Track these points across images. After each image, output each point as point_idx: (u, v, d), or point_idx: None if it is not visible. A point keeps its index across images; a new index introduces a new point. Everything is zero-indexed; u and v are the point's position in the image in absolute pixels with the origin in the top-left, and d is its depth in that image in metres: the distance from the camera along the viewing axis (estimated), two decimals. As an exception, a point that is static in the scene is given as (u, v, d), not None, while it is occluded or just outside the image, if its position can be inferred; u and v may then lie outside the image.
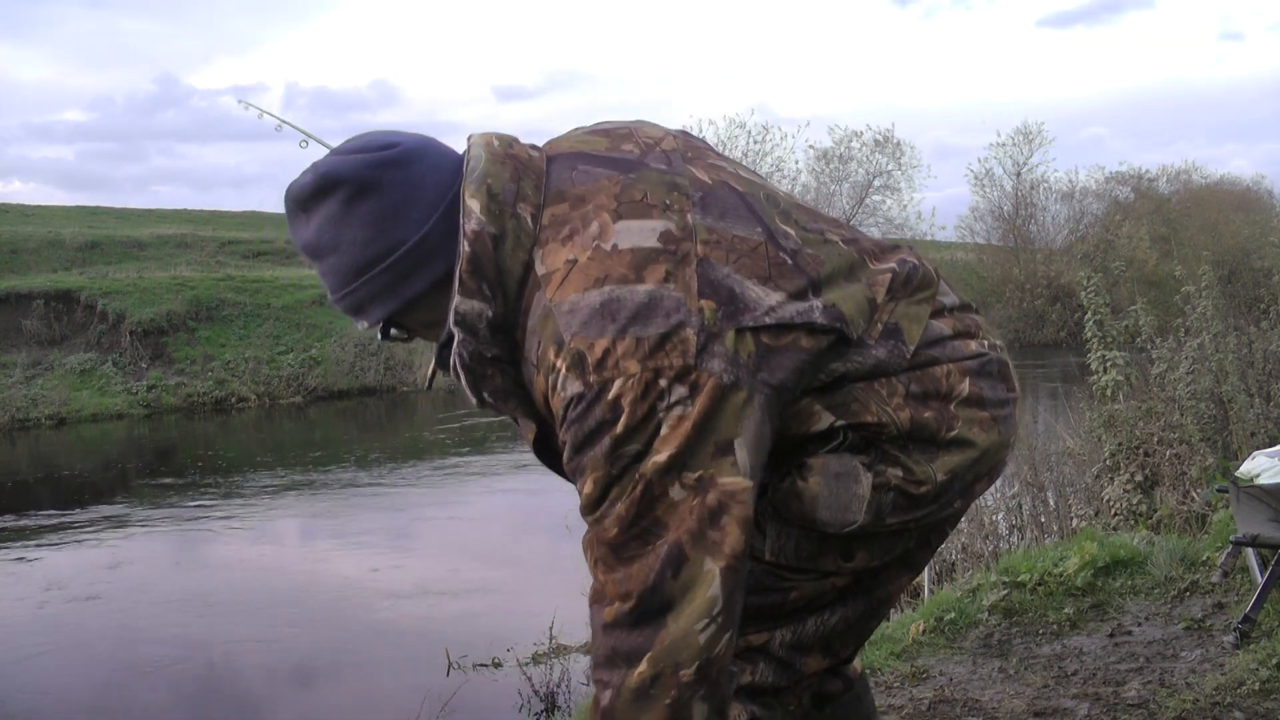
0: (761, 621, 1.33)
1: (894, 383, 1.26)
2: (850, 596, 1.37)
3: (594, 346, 1.12)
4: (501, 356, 1.24)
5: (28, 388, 17.23)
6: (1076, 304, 11.27)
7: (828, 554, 1.32)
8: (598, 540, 1.16)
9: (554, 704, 4.66)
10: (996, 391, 1.34)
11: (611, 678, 1.15)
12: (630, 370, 1.11)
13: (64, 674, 5.65)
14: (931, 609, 3.54)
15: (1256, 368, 5.80)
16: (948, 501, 1.32)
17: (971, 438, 1.30)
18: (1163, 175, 31.26)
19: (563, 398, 1.15)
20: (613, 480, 1.13)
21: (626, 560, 1.14)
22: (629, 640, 1.14)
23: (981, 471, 1.33)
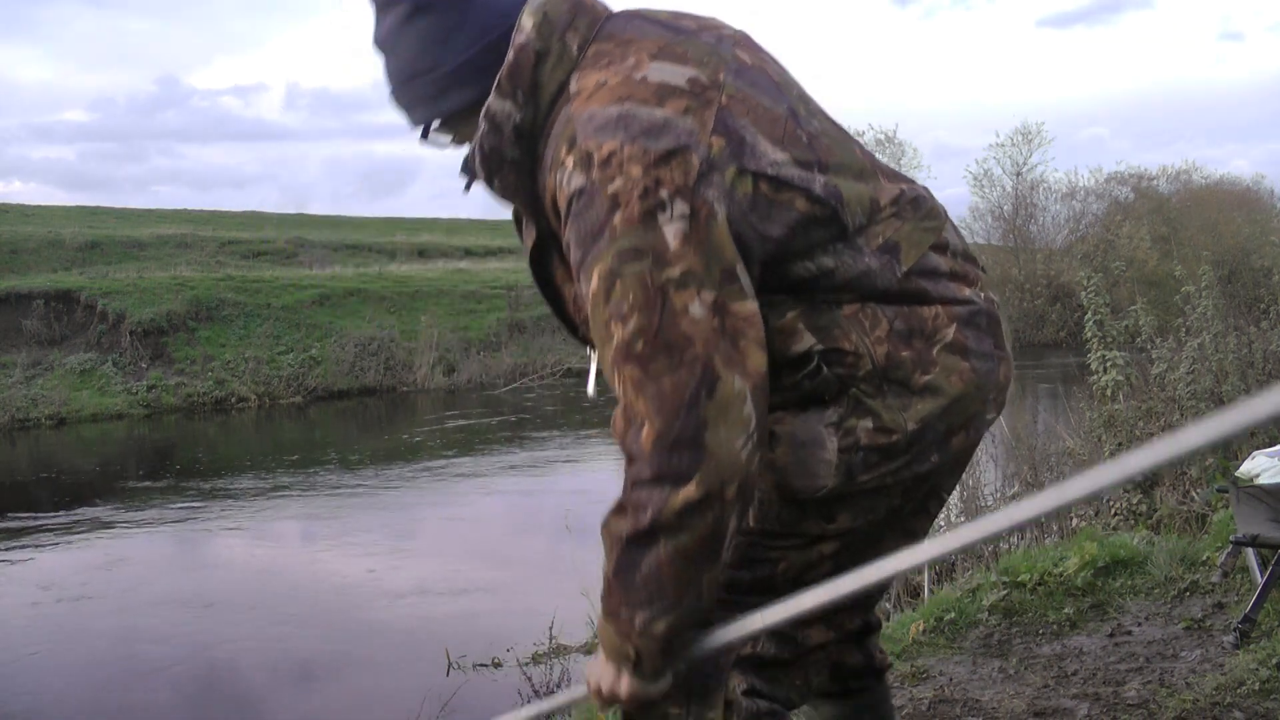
0: (758, 596, 1.33)
1: (879, 314, 1.28)
2: (849, 568, 1.37)
3: (602, 148, 1.18)
4: (520, 162, 1.29)
5: (28, 388, 17.23)
6: (1076, 304, 11.25)
7: (810, 518, 1.34)
8: (624, 358, 1.17)
9: (554, 704, 4.66)
10: (982, 344, 1.34)
11: (651, 497, 1.16)
12: (633, 174, 1.16)
13: (64, 674, 5.65)
14: (931, 609, 3.54)
15: (1256, 368, 5.80)
16: (922, 454, 1.31)
17: (946, 386, 1.30)
18: (1163, 175, 31.26)
19: (567, 192, 1.20)
20: (615, 275, 1.16)
21: (656, 377, 1.15)
22: (673, 462, 1.15)
23: (955, 423, 1.32)
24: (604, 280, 1.17)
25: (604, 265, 1.17)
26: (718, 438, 1.14)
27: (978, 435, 1.38)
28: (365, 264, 27.22)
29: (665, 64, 1.23)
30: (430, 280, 24.39)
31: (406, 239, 32.76)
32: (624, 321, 1.17)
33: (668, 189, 1.16)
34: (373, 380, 19.98)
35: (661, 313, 1.15)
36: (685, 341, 1.15)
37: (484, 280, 24.96)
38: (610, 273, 1.17)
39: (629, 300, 1.16)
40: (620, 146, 1.17)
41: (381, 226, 38.56)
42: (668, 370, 1.15)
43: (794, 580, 1.35)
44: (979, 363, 1.33)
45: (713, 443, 1.14)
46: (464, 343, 21.54)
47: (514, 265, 28.18)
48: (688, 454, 1.14)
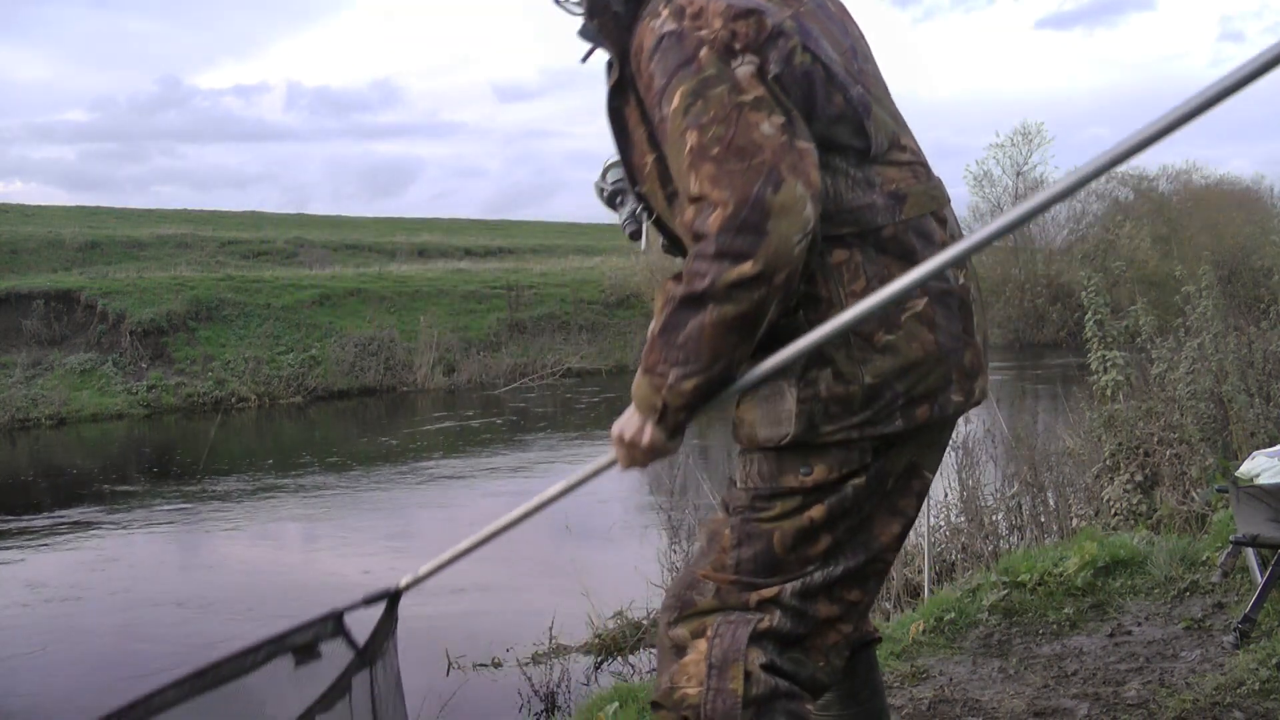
0: (766, 575, 1.45)
1: (861, 270, 1.41)
2: (847, 546, 1.48)
3: (694, 3, 1.39)
4: (619, 16, 1.50)
5: (28, 388, 17.22)
6: (1076, 304, 11.24)
7: (787, 471, 1.45)
8: (701, 158, 1.33)
9: (554, 704, 4.66)
10: (951, 324, 1.46)
11: (710, 268, 1.31)
12: (714, 25, 1.37)
13: (62, 673, 5.65)
14: (931, 609, 3.54)
15: (1256, 368, 5.80)
16: (882, 412, 1.42)
17: (905, 349, 1.42)
18: (1163, 175, 31.24)
19: (658, 33, 1.40)
20: (696, 94, 1.35)
21: (729, 173, 1.30)
22: (735, 242, 1.29)
23: (916, 390, 1.42)
24: (685, 99, 1.35)
25: (687, 87, 1.35)
26: (779, 229, 1.29)
27: (944, 413, 1.47)
28: (365, 264, 27.23)
29: None
30: (430, 280, 24.39)
31: (406, 239, 32.76)
32: (702, 130, 1.33)
33: (741, 41, 1.36)
34: (373, 380, 19.97)
35: (737, 125, 1.32)
36: (756, 149, 1.31)
37: (484, 280, 24.95)
38: (692, 92, 1.35)
39: (708, 114, 1.33)
40: (708, 3, 1.38)
41: (381, 226, 38.58)
42: (740, 169, 1.30)
43: (792, 550, 1.45)
44: (945, 339, 1.44)
45: (774, 232, 1.29)
46: (464, 343, 21.53)
47: (514, 265, 28.20)
48: (750, 237, 1.29)
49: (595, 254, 29.31)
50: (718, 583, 1.47)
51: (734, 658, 1.41)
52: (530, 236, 38.78)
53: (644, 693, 3.06)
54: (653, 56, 1.40)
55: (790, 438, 1.42)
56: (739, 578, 1.45)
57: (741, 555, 1.46)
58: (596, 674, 5.05)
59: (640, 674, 4.83)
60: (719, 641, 1.43)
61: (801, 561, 1.45)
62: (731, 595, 1.45)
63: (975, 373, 1.51)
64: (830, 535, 1.46)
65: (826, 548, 1.46)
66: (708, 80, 1.35)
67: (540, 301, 24.05)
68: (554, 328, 23.27)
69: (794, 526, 1.45)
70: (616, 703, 3.00)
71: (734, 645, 1.42)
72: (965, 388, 1.49)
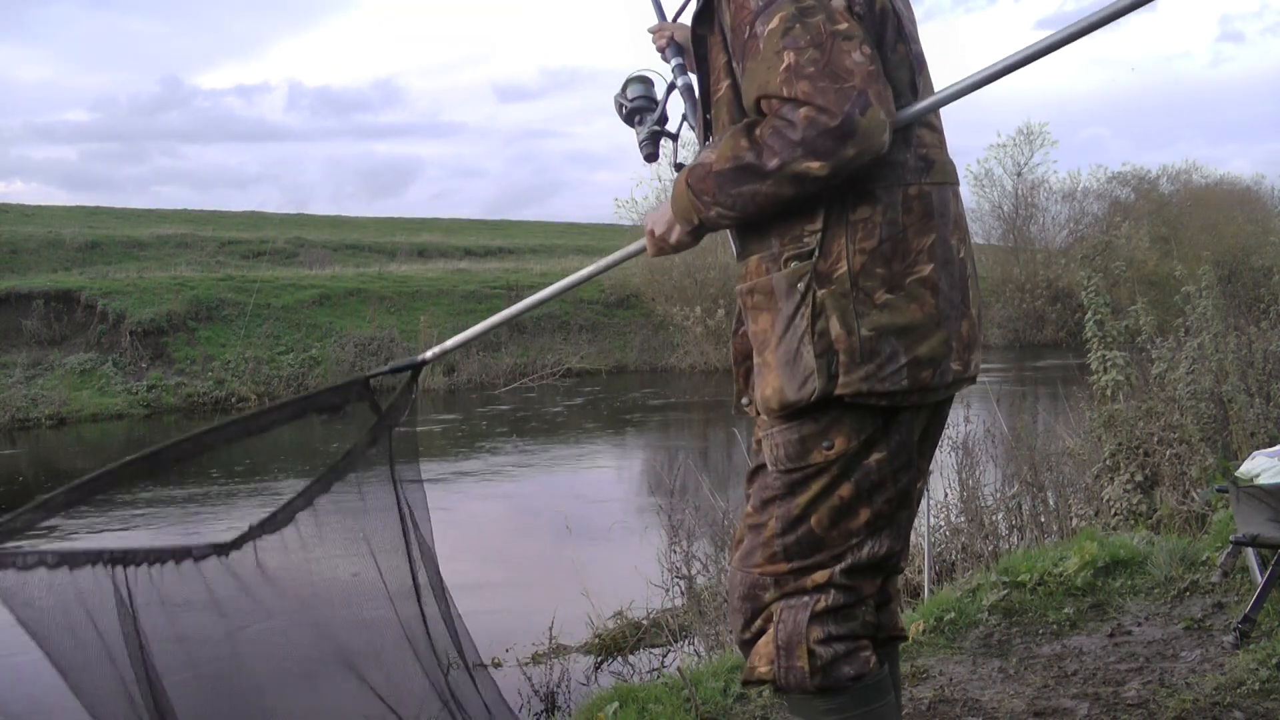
0: (814, 558, 1.59)
1: (877, 231, 1.52)
2: (888, 522, 1.61)
3: None
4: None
5: (28, 388, 17.21)
6: (1076, 304, 11.23)
7: (811, 448, 1.56)
8: (796, 77, 1.43)
9: (554, 704, 4.66)
10: (952, 293, 1.57)
11: (785, 152, 1.43)
12: None
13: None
14: (931, 609, 3.54)
15: (1256, 368, 5.80)
16: (887, 368, 1.51)
17: (904, 309, 1.52)
18: (1164, 175, 31.23)
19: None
20: (795, 18, 1.44)
21: (824, 91, 1.41)
22: (819, 143, 1.41)
23: (918, 352, 1.53)
24: (785, 22, 1.44)
25: (786, 12, 1.45)
26: (857, 147, 1.41)
27: (945, 380, 1.56)
28: (365, 264, 27.21)
29: None
30: (430, 280, 24.37)
31: (406, 239, 32.75)
32: (800, 52, 1.43)
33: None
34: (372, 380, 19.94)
35: (831, 51, 1.42)
36: (848, 74, 1.42)
37: (484, 280, 24.93)
38: (791, 16, 1.44)
39: (806, 38, 1.43)
40: None
41: (381, 227, 38.55)
42: (834, 87, 1.41)
43: (831, 527, 1.58)
44: (944, 305, 1.55)
45: (851, 148, 1.41)
46: (464, 343, 21.49)
47: (514, 265, 28.18)
48: (831, 144, 1.41)
49: (595, 254, 29.25)
50: (774, 575, 1.61)
51: (797, 639, 1.58)
52: (530, 236, 38.77)
53: (644, 693, 3.06)
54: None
55: (817, 392, 1.52)
56: (790, 565, 1.60)
57: (787, 542, 1.59)
58: (596, 674, 5.05)
59: (640, 674, 4.83)
60: (783, 626, 1.59)
61: (844, 536, 1.58)
62: (788, 583, 1.60)
63: (972, 345, 1.61)
64: (868, 509, 1.57)
65: (867, 521, 1.58)
66: (806, 8, 1.44)
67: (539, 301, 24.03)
68: (554, 328, 23.26)
69: (829, 506, 1.57)
70: (616, 703, 3.00)
71: (795, 629, 1.58)
72: (963, 358, 1.59)
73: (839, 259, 1.51)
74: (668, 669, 4.35)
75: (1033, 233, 29.27)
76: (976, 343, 1.63)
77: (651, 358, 23.00)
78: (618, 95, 1.95)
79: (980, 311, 1.66)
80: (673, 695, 3.01)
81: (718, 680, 3.07)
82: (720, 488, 6.67)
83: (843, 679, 1.58)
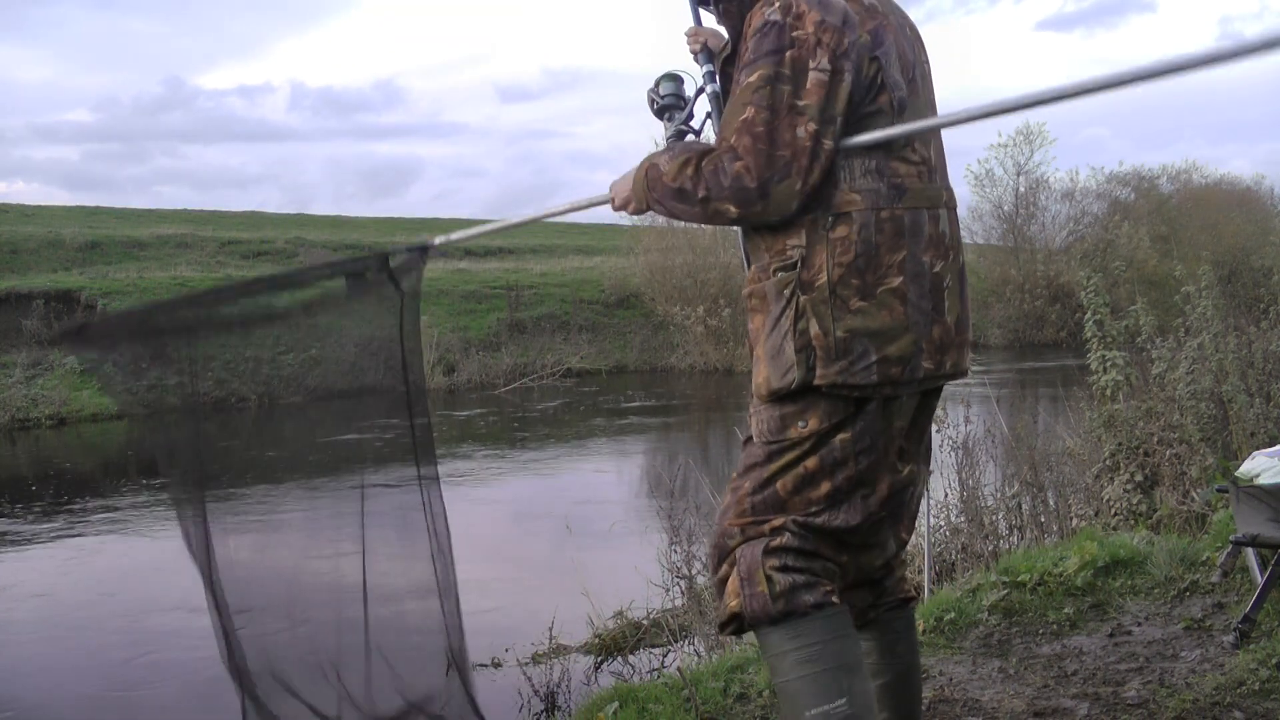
0: (772, 511, 1.82)
1: (853, 247, 1.75)
2: (846, 498, 1.82)
3: (799, 4, 1.74)
4: (745, 2, 1.88)
5: (28, 388, 17.21)
6: (1076, 304, 11.23)
7: (789, 424, 1.81)
8: (748, 128, 1.72)
9: (554, 704, 4.66)
10: (922, 302, 1.79)
11: (713, 191, 1.74)
12: (808, 28, 1.73)
13: (70, 674, 5.65)
14: (931, 609, 3.54)
15: (1256, 368, 5.80)
16: (859, 363, 1.74)
17: (874, 314, 1.75)
18: (1164, 174, 31.21)
19: (763, 18, 1.76)
20: (768, 81, 1.72)
21: (759, 150, 1.71)
22: (738, 195, 1.72)
23: (889, 351, 1.75)
24: (760, 79, 1.73)
25: (764, 73, 1.73)
26: (766, 208, 1.72)
27: (915, 376, 1.79)
28: (365, 264, 27.15)
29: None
30: (430, 280, 24.26)
31: (407, 239, 32.67)
32: (758, 109, 1.72)
33: (824, 47, 1.72)
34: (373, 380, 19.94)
35: (780, 120, 1.71)
36: (784, 144, 1.70)
37: (484, 280, 24.93)
38: (765, 79, 1.73)
39: (766, 101, 1.71)
40: (808, 10, 1.73)
41: (381, 226, 38.54)
42: (766, 152, 1.70)
43: (794, 493, 1.81)
44: (913, 312, 1.77)
45: (762, 209, 1.73)
46: (464, 343, 21.51)
47: (514, 265, 28.17)
48: (746, 198, 1.72)
49: (595, 254, 29.28)
50: (741, 525, 1.84)
51: (755, 568, 1.79)
52: (530, 236, 38.77)
53: (644, 692, 3.06)
54: (755, 34, 1.76)
55: (797, 381, 1.76)
56: (755, 517, 1.82)
57: (755, 500, 1.83)
58: (596, 674, 5.05)
59: (640, 674, 4.83)
60: (742, 561, 1.81)
61: (805, 503, 1.81)
62: (750, 529, 1.83)
63: (945, 347, 1.83)
64: (829, 482, 1.80)
65: (827, 493, 1.80)
66: (781, 76, 1.72)
67: (540, 301, 24.04)
68: (554, 328, 23.25)
69: (794, 475, 1.81)
70: (616, 703, 3.00)
71: (753, 560, 1.79)
72: (935, 358, 1.81)
73: (820, 270, 1.76)
74: (668, 669, 4.35)
75: (1033, 232, 29.25)
76: (952, 345, 1.84)
77: (651, 358, 22.99)
78: (651, 90, 2.15)
79: (962, 318, 1.87)
80: (673, 695, 3.01)
81: (718, 680, 3.07)
82: (720, 488, 6.66)
83: (803, 605, 1.76)
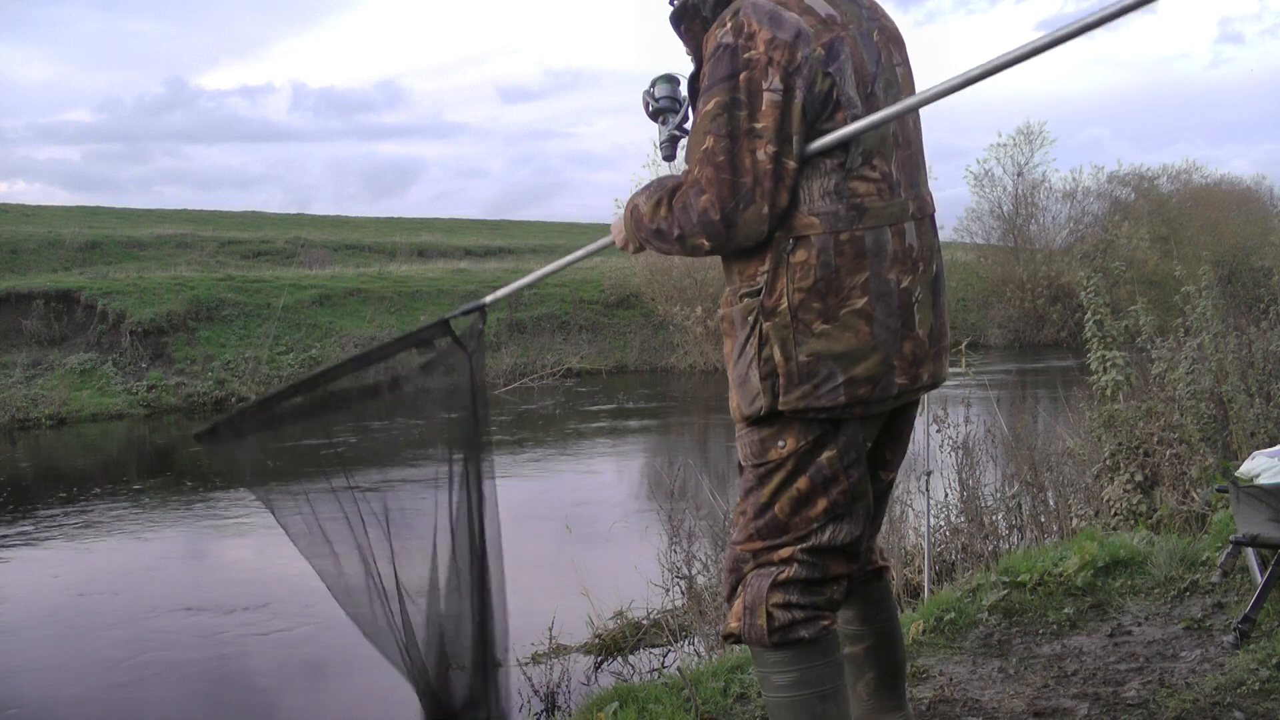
0: (781, 538, 1.87)
1: (813, 271, 1.77)
2: (847, 512, 1.87)
3: (750, 23, 1.75)
4: (706, 20, 1.91)
5: (28, 388, 17.20)
6: (1076, 304, 11.23)
7: (769, 447, 1.86)
8: (709, 159, 1.74)
9: (554, 704, 4.66)
10: (890, 320, 1.81)
11: (685, 229, 1.80)
12: (759, 47, 1.74)
13: (72, 674, 5.66)
14: (931, 609, 3.54)
15: (1256, 368, 5.80)
16: (824, 386, 1.78)
17: (839, 337, 1.78)
18: (1164, 174, 31.19)
19: (718, 40, 1.78)
20: (723, 109, 1.74)
21: (721, 180, 1.73)
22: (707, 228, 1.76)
23: (856, 372, 1.78)
24: (716, 107, 1.75)
25: (720, 100, 1.74)
26: (735, 236, 1.76)
27: (887, 394, 1.83)
28: (365, 264, 27.20)
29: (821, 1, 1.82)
30: (430, 280, 24.36)
31: (406, 239, 32.73)
32: (717, 138, 1.74)
33: (776, 66, 1.73)
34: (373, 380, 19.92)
35: (739, 146, 1.72)
36: (745, 170, 1.72)
37: (484, 280, 24.90)
38: (721, 106, 1.74)
39: (724, 129, 1.73)
40: (760, 28, 1.74)
41: (381, 227, 38.55)
42: (729, 180, 1.73)
43: (792, 514, 1.86)
44: (880, 331, 1.80)
45: (731, 236, 1.76)
46: (464, 343, 21.48)
47: (514, 265, 28.15)
48: (715, 230, 1.75)
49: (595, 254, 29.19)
50: (752, 551, 1.90)
51: (759, 602, 1.87)
52: (530, 236, 38.76)
53: (644, 692, 3.06)
54: (710, 59, 1.78)
55: (765, 408, 1.82)
56: (764, 543, 1.88)
57: (758, 525, 1.88)
58: (596, 674, 5.05)
59: (640, 674, 4.83)
60: (749, 590, 1.89)
61: (805, 522, 1.86)
62: (762, 555, 1.89)
63: (919, 360, 1.86)
64: (824, 499, 1.85)
65: (824, 509, 1.85)
66: (735, 101, 1.73)
67: (540, 301, 24.03)
68: (554, 328, 23.25)
69: (788, 497, 1.85)
70: (616, 703, 3.00)
71: (758, 594, 1.87)
72: (910, 373, 1.85)
73: (781, 296, 1.79)
74: (668, 669, 4.35)
75: (1033, 232, 29.21)
76: (927, 358, 1.88)
77: (651, 358, 22.99)
78: (646, 91, 2.16)
79: (936, 328, 1.90)
80: (673, 695, 3.01)
81: (718, 680, 3.07)
82: (720, 488, 6.67)
83: (796, 640, 1.86)
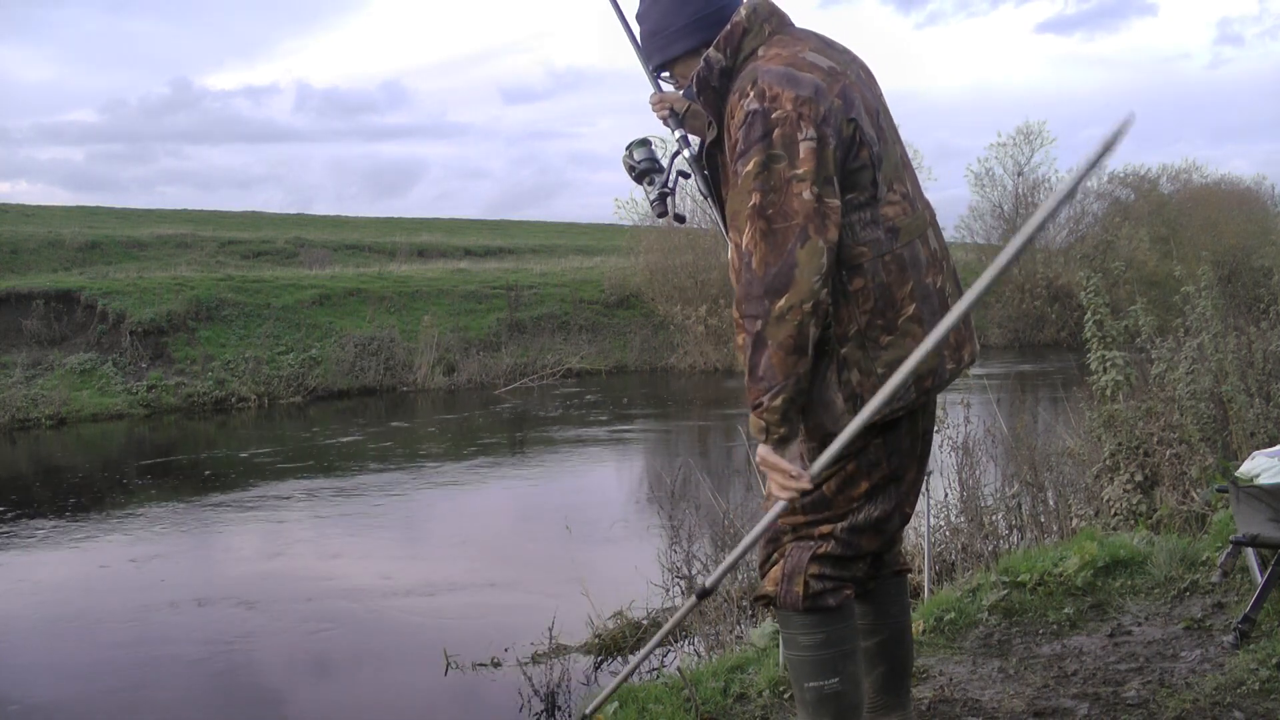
0: (823, 514, 2.05)
1: (869, 294, 1.93)
2: (881, 492, 2.06)
3: (772, 88, 1.89)
4: (718, 89, 2.03)
5: (28, 388, 17.20)
6: (1076, 304, 11.24)
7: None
8: (757, 215, 1.86)
9: (554, 704, 4.66)
10: (934, 318, 1.97)
11: (759, 308, 1.85)
12: (787, 105, 1.87)
13: (73, 674, 5.65)
14: (931, 609, 3.54)
15: (1256, 368, 5.80)
16: (901, 389, 1.81)
17: (903, 344, 1.94)
18: (1164, 174, 31.19)
19: (745, 109, 1.91)
20: (765, 166, 1.86)
21: (773, 230, 1.84)
22: (773, 282, 1.84)
23: (921, 370, 1.92)
24: (755, 166, 1.87)
25: (759, 159, 1.87)
26: (803, 273, 1.83)
27: (942, 381, 2.03)
28: (365, 264, 27.21)
29: (818, 54, 1.98)
30: (430, 280, 24.37)
31: (406, 239, 32.74)
32: (763, 193, 1.86)
33: (806, 120, 1.86)
34: (373, 380, 19.94)
35: (785, 194, 1.85)
36: (794, 214, 1.84)
37: (484, 280, 24.93)
38: (760, 165, 1.87)
39: (768, 183, 1.86)
40: (782, 90, 1.88)
41: (381, 227, 38.57)
42: (781, 227, 1.85)
43: (838, 493, 2.04)
44: (930, 329, 1.92)
45: (799, 275, 1.83)
46: (464, 343, 21.51)
47: (514, 265, 28.19)
48: (784, 279, 1.83)
49: (595, 254, 29.28)
50: (793, 524, 2.07)
51: (799, 571, 2.05)
52: (530, 236, 38.79)
53: (644, 692, 3.06)
54: (740, 126, 1.91)
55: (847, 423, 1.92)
56: (806, 517, 2.06)
57: (804, 501, 2.04)
58: (596, 674, 5.05)
59: (640, 674, 4.83)
60: (790, 559, 2.06)
61: (847, 500, 2.04)
62: (802, 530, 2.07)
63: (960, 344, 2.06)
64: (867, 481, 2.03)
65: (865, 490, 2.04)
66: (775, 156, 1.86)
67: (540, 301, 24.04)
68: (554, 328, 23.25)
69: (837, 478, 2.03)
70: (616, 703, 3.00)
71: (799, 563, 2.05)
72: (955, 357, 2.05)
73: (849, 322, 1.95)
74: (668, 669, 4.35)
75: (1033, 233, 29.18)
76: (965, 340, 2.07)
77: (651, 358, 22.99)
78: (625, 157, 2.28)
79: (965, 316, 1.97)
80: (673, 695, 3.01)
81: (718, 680, 3.07)
82: (720, 488, 6.67)
83: (824, 607, 2.05)
